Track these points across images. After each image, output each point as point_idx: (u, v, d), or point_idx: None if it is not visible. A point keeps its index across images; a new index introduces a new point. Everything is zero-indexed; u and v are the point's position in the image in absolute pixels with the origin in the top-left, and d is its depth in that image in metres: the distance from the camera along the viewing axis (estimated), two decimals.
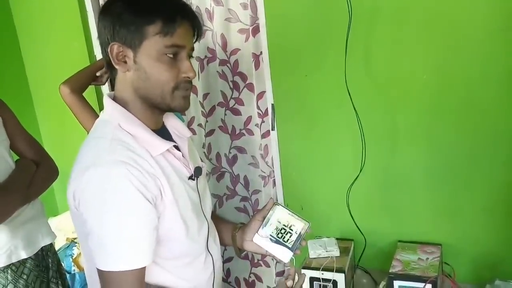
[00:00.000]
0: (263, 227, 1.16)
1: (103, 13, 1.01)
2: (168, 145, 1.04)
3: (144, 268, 0.98)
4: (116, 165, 0.94)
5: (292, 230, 1.15)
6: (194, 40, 1.05)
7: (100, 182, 0.94)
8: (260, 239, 1.15)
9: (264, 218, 1.17)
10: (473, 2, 1.50)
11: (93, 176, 0.94)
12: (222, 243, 1.25)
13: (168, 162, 1.04)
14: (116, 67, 1.00)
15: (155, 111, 1.05)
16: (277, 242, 1.15)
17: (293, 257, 1.14)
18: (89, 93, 1.73)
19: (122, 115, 1.02)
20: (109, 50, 0.99)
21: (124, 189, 0.94)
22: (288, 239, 1.15)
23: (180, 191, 1.04)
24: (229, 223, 1.29)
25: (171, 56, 0.99)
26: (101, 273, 0.97)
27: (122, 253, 0.95)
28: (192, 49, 1.04)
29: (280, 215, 1.16)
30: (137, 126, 1.02)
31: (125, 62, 1.00)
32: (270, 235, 1.15)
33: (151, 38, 0.97)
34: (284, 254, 1.14)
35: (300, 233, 1.14)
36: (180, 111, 1.07)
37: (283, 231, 1.15)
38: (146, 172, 0.96)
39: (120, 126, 1.01)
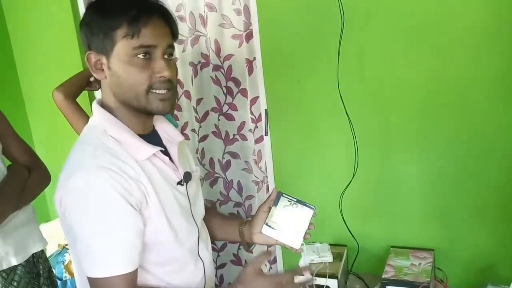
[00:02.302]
0: (270, 218, 1.16)
1: (80, 25, 1.02)
2: (154, 149, 1.03)
3: (133, 273, 0.98)
4: (98, 171, 0.94)
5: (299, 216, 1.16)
6: (173, 39, 1.03)
7: (83, 188, 0.94)
8: (269, 230, 1.15)
9: (269, 208, 1.17)
10: (464, 6, 1.52)
11: (77, 183, 0.95)
12: (229, 240, 1.26)
13: (155, 167, 1.04)
14: (95, 75, 1.02)
15: (140, 116, 1.05)
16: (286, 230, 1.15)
17: (304, 243, 1.14)
18: (83, 98, 1.73)
19: (108, 121, 1.02)
20: (86, 60, 1.01)
21: (106, 195, 0.94)
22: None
23: (167, 196, 1.04)
24: (235, 219, 1.30)
25: (143, 57, 0.98)
26: (90, 280, 0.97)
27: (107, 259, 0.95)
28: (170, 46, 1.02)
29: (285, 203, 1.17)
30: (123, 131, 1.02)
31: (102, 69, 1.00)
32: (278, 224, 1.15)
33: (119, 42, 0.97)
34: (294, 241, 1.14)
35: (307, 218, 1.15)
36: (159, 114, 1.06)
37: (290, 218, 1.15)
38: (129, 177, 0.96)
39: (106, 131, 1.01)
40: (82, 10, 2.19)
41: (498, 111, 1.55)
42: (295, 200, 1.17)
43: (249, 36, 1.89)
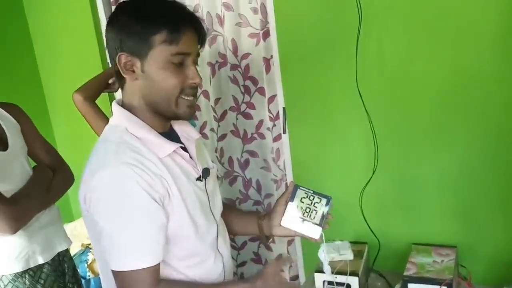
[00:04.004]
0: (288, 210, 1.19)
1: (110, 24, 1.04)
2: (174, 146, 1.06)
3: (156, 266, 1.00)
4: (122, 166, 0.97)
5: (316, 207, 1.19)
6: (199, 46, 1.07)
7: (107, 184, 0.97)
8: (288, 222, 1.19)
9: (287, 201, 1.20)
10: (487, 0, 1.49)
11: (101, 179, 0.97)
12: (248, 233, 1.31)
13: (176, 163, 1.06)
14: (125, 76, 1.03)
15: (161, 117, 1.08)
16: (304, 221, 1.18)
17: (323, 232, 1.17)
18: (103, 99, 1.76)
19: (129, 120, 1.05)
20: (117, 60, 1.01)
21: (130, 190, 0.96)
22: (315, 217, 1.18)
23: (188, 192, 1.07)
24: (253, 214, 1.34)
25: (177, 63, 1.01)
26: (114, 274, 1.00)
27: (131, 253, 0.98)
28: (198, 55, 1.06)
29: (302, 196, 1.20)
30: (144, 129, 1.04)
31: (133, 71, 1.02)
32: (297, 216, 1.18)
33: (157, 47, 0.99)
34: (313, 231, 1.18)
35: (324, 208, 1.18)
36: (184, 119, 1.10)
37: (308, 210, 1.18)
38: (152, 172, 0.99)
39: (127, 130, 1.04)
40: (101, 13, 2.23)
41: None
42: (312, 191, 1.21)
43: (266, 35, 1.89)
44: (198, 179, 1.11)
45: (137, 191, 0.96)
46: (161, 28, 0.98)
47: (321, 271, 1.63)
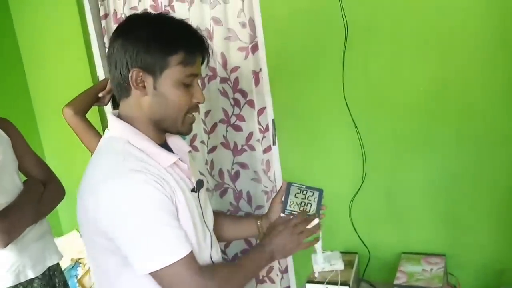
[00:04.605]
0: (285, 207, 1.26)
1: (125, 36, 1.03)
2: (175, 157, 1.09)
3: (191, 254, 1.02)
4: (133, 173, 0.99)
5: (310, 200, 1.27)
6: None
7: (122, 191, 0.98)
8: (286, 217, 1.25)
9: (282, 199, 1.28)
10: (468, 11, 1.53)
11: (113, 188, 0.98)
12: (243, 236, 1.37)
13: (176, 173, 1.09)
14: (135, 91, 1.04)
15: (160, 131, 1.11)
16: None
17: (320, 222, 1.24)
18: (93, 113, 1.76)
19: (131, 132, 1.07)
20: (129, 75, 1.02)
21: (145, 193, 0.99)
22: (310, 209, 1.26)
23: (190, 201, 1.09)
24: (250, 217, 1.38)
25: (186, 83, 1.05)
26: (154, 275, 1.00)
27: (165, 248, 0.99)
28: (201, 75, 1.11)
29: (296, 191, 1.28)
30: (146, 141, 1.07)
31: (144, 87, 1.03)
32: (293, 211, 1.25)
33: (173, 67, 1.02)
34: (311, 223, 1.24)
35: (317, 200, 1.27)
36: (185, 135, 1.15)
37: (303, 204, 1.26)
38: (160, 177, 1.02)
39: (129, 142, 1.05)
40: (91, 27, 2.23)
41: (507, 112, 1.55)
42: (304, 186, 1.29)
43: (255, 48, 1.91)
44: (193, 190, 1.13)
45: (152, 192, 0.99)
46: (179, 50, 1.02)
47: (312, 281, 1.64)
